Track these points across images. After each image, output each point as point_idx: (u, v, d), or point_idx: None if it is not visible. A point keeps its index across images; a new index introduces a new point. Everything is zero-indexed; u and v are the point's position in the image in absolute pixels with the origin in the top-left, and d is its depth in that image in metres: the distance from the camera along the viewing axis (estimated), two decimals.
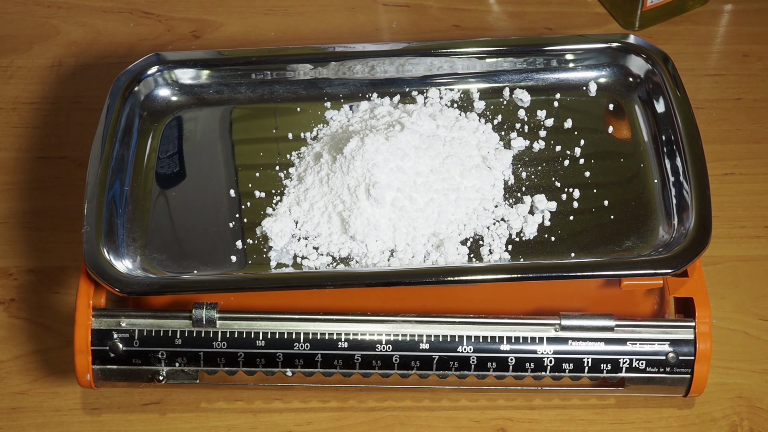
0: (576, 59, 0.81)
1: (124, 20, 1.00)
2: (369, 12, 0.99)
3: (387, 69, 0.81)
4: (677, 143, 0.74)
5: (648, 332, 0.69)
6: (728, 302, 0.79)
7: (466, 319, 0.70)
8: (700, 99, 0.91)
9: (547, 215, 0.73)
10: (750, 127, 0.90)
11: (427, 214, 0.71)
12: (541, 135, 0.78)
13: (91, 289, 0.70)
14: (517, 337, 0.69)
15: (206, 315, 0.69)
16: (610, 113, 0.79)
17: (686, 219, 0.70)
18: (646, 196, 0.74)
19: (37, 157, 0.88)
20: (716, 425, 0.73)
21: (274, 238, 0.71)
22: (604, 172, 0.76)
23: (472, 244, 0.71)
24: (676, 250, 0.68)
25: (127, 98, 0.78)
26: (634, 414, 0.73)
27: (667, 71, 0.78)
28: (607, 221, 0.73)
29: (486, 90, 0.81)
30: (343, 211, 0.71)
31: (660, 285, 0.69)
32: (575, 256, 0.71)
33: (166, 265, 0.71)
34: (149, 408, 0.74)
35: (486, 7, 0.99)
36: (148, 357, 0.69)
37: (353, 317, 0.70)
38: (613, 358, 0.69)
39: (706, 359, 0.69)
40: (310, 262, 0.71)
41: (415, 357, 0.69)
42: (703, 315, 0.69)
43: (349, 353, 0.69)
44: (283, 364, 0.69)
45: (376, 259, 0.70)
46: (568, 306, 0.71)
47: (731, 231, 0.82)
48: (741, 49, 0.96)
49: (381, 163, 0.70)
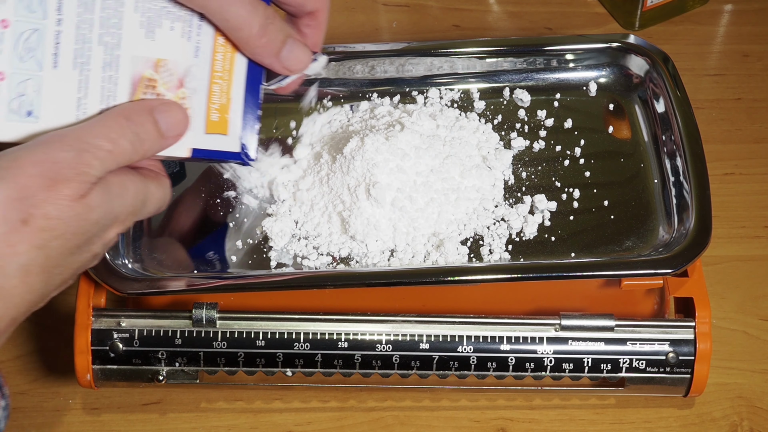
0: (576, 59, 0.81)
1: None
2: (369, 12, 0.99)
3: (387, 69, 0.81)
4: (677, 143, 0.74)
5: (648, 332, 0.69)
6: (728, 302, 0.79)
7: (466, 319, 0.70)
8: (700, 99, 0.91)
9: (547, 215, 0.73)
10: (750, 127, 0.90)
11: (427, 214, 0.71)
12: (541, 135, 0.78)
13: (91, 289, 0.70)
14: (517, 337, 0.69)
15: (206, 315, 0.69)
16: (610, 113, 0.79)
17: (686, 219, 0.70)
18: (646, 196, 0.74)
19: None
20: (716, 425, 0.73)
21: (274, 238, 0.71)
22: (604, 172, 0.76)
23: (472, 244, 0.71)
24: (676, 250, 0.68)
25: None
26: (634, 414, 0.73)
27: (667, 71, 0.78)
28: (607, 221, 0.73)
29: (486, 90, 0.81)
30: (343, 211, 0.71)
31: (660, 285, 0.69)
32: (575, 256, 0.71)
33: (166, 265, 0.71)
34: (149, 408, 0.74)
35: (486, 7, 0.99)
36: (148, 357, 0.69)
37: (353, 317, 0.70)
38: (613, 358, 0.69)
39: (706, 359, 0.69)
40: (310, 262, 0.71)
41: (415, 357, 0.69)
42: (703, 315, 0.69)
43: (349, 353, 0.69)
44: (283, 364, 0.69)
45: (376, 259, 0.70)
46: (568, 306, 0.71)
47: (731, 231, 0.82)
48: (741, 49, 0.96)
49: (381, 163, 0.70)
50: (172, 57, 0.61)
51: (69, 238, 0.54)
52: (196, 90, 0.62)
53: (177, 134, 0.60)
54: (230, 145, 0.64)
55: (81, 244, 0.55)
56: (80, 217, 0.54)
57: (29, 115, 0.57)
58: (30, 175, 0.53)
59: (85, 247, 0.56)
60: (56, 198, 0.53)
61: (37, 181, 0.53)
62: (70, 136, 0.55)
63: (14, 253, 0.52)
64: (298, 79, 0.66)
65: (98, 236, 0.57)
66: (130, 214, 0.58)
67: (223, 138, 0.63)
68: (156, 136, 0.58)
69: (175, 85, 0.61)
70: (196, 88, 0.62)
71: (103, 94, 0.59)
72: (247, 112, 0.64)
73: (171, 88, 0.61)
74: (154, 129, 0.58)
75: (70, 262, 0.56)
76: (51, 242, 0.53)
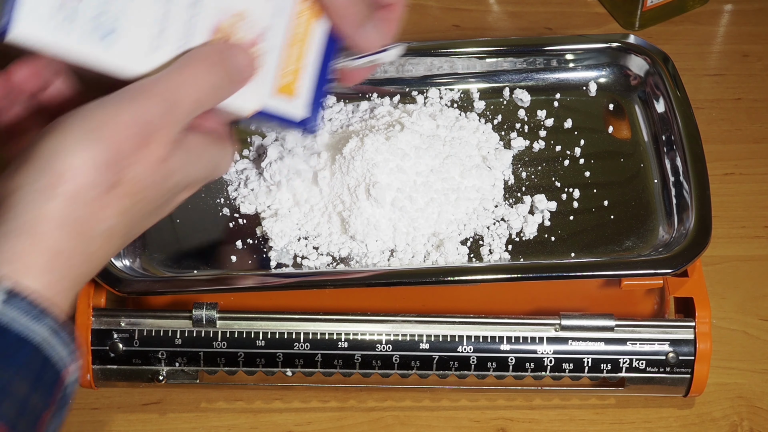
0: (576, 59, 0.81)
1: None
2: None
3: (387, 69, 0.81)
4: (677, 143, 0.74)
5: (648, 332, 0.69)
6: (728, 302, 0.79)
7: (466, 319, 0.70)
8: (700, 99, 0.91)
9: (547, 215, 0.73)
10: (750, 127, 0.90)
11: (427, 214, 0.71)
12: (541, 135, 0.78)
13: (91, 289, 0.70)
14: (517, 337, 0.69)
15: (206, 315, 0.69)
16: (610, 113, 0.79)
17: (686, 219, 0.70)
18: (646, 196, 0.74)
19: None
20: (716, 425, 0.73)
21: (274, 238, 0.71)
22: (604, 172, 0.76)
23: (472, 244, 0.71)
24: (676, 250, 0.68)
25: None
26: (634, 414, 0.73)
27: (667, 71, 0.78)
28: (607, 221, 0.73)
29: (486, 90, 0.81)
30: (343, 211, 0.71)
31: (660, 285, 0.69)
32: (575, 256, 0.71)
33: (166, 265, 0.71)
34: (149, 408, 0.74)
35: (486, 7, 0.99)
36: (148, 357, 0.69)
37: (353, 317, 0.70)
38: (613, 358, 0.69)
39: (706, 359, 0.69)
40: (310, 262, 0.71)
41: (415, 357, 0.69)
42: (703, 315, 0.69)
43: (349, 353, 0.69)
44: (283, 364, 0.69)
45: (376, 259, 0.70)
46: (568, 306, 0.71)
47: (731, 231, 0.82)
48: (741, 49, 0.96)
49: (381, 163, 0.70)
50: (253, 13, 0.59)
51: (149, 202, 0.54)
52: (270, 50, 0.61)
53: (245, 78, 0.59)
54: (295, 112, 0.63)
55: (156, 208, 0.55)
56: (162, 181, 0.54)
57: (103, 39, 0.54)
58: (126, 135, 0.51)
59: (158, 210, 0.56)
60: (145, 161, 0.52)
61: (131, 143, 0.52)
62: (156, 89, 0.53)
63: (102, 219, 0.51)
64: (366, 69, 0.66)
65: (171, 200, 0.56)
66: (203, 179, 0.58)
67: (289, 103, 0.62)
68: (229, 81, 0.57)
69: (251, 41, 0.60)
70: (270, 49, 0.61)
71: (181, 35, 0.57)
72: (317, 82, 0.63)
73: (245, 43, 0.60)
74: (228, 74, 0.57)
75: (142, 226, 0.55)
76: (134, 207, 0.53)
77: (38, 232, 0.50)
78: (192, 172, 0.56)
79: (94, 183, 0.51)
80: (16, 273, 0.49)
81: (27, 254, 0.49)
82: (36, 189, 0.50)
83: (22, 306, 0.48)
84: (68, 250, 0.51)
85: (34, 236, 0.50)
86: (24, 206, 0.50)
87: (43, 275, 0.50)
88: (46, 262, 0.50)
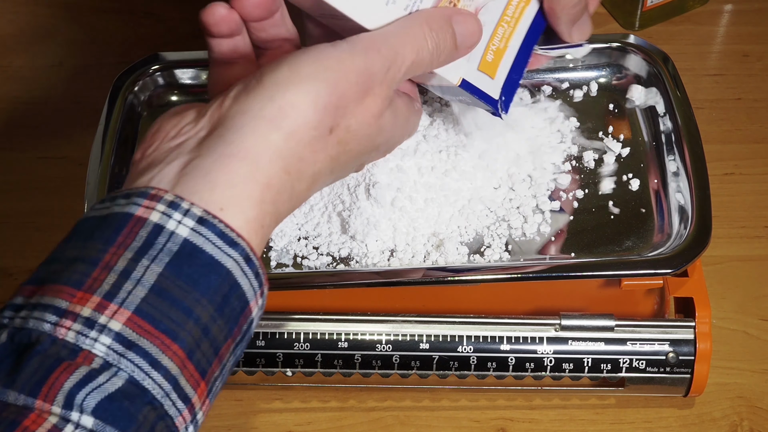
0: (576, 59, 0.81)
1: (124, 20, 1.00)
2: None
3: None
4: (677, 143, 0.74)
5: (648, 332, 0.69)
6: (728, 302, 0.79)
7: (466, 319, 0.70)
8: (700, 99, 0.91)
9: (548, 215, 0.73)
10: (750, 127, 0.90)
11: (427, 214, 0.71)
12: None
13: None
14: (517, 337, 0.69)
15: None
16: (610, 113, 0.79)
17: (686, 219, 0.70)
18: (646, 196, 0.74)
19: (37, 157, 0.88)
20: (716, 425, 0.73)
21: (274, 238, 0.71)
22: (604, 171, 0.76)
23: (472, 244, 0.71)
24: (676, 250, 0.68)
25: (127, 98, 0.78)
26: (634, 414, 0.73)
27: (667, 71, 0.78)
28: (607, 221, 0.73)
29: None
30: (343, 211, 0.71)
31: (660, 285, 0.69)
32: (575, 256, 0.71)
33: None
34: None
35: None
36: None
37: (353, 317, 0.70)
38: (613, 358, 0.69)
39: (706, 359, 0.69)
40: (310, 262, 0.71)
41: (415, 357, 0.69)
42: (703, 315, 0.69)
43: (349, 353, 0.69)
44: (283, 364, 0.69)
45: (376, 259, 0.70)
46: (568, 306, 0.71)
47: (731, 231, 0.82)
48: (741, 49, 0.96)
49: (381, 163, 0.70)
50: None
51: (353, 155, 0.54)
52: (485, 24, 0.61)
53: (469, 46, 0.58)
54: (492, 90, 0.63)
55: (354, 162, 0.55)
56: (372, 136, 0.54)
57: None
58: (351, 83, 0.51)
59: (355, 163, 0.55)
60: (363, 112, 0.52)
61: (354, 91, 0.52)
62: (383, 43, 0.53)
63: (315, 161, 0.51)
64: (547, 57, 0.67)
65: (366, 159, 0.56)
66: (397, 142, 0.58)
67: (489, 80, 0.62)
68: (452, 47, 0.57)
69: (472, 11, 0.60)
70: (485, 23, 0.61)
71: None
72: (517, 64, 0.63)
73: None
74: (452, 40, 0.57)
75: (339, 176, 0.55)
76: (341, 155, 0.53)
77: (259, 162, 0.49)
78: (395, 134, 0.56)
79: (315, 124, 0.50)
80: (231, 201, 0.48)
81: (245, 183, 0.48)
82: (262, 116, 0.49)
83: (216, 231, 0.47)
84: (278, 186, 0.50)
85: (254, 165, 0.49)
86: (248, 131, 0.49)
87: (253, 207, 0.49)
88: (259, 193, 0.49)
